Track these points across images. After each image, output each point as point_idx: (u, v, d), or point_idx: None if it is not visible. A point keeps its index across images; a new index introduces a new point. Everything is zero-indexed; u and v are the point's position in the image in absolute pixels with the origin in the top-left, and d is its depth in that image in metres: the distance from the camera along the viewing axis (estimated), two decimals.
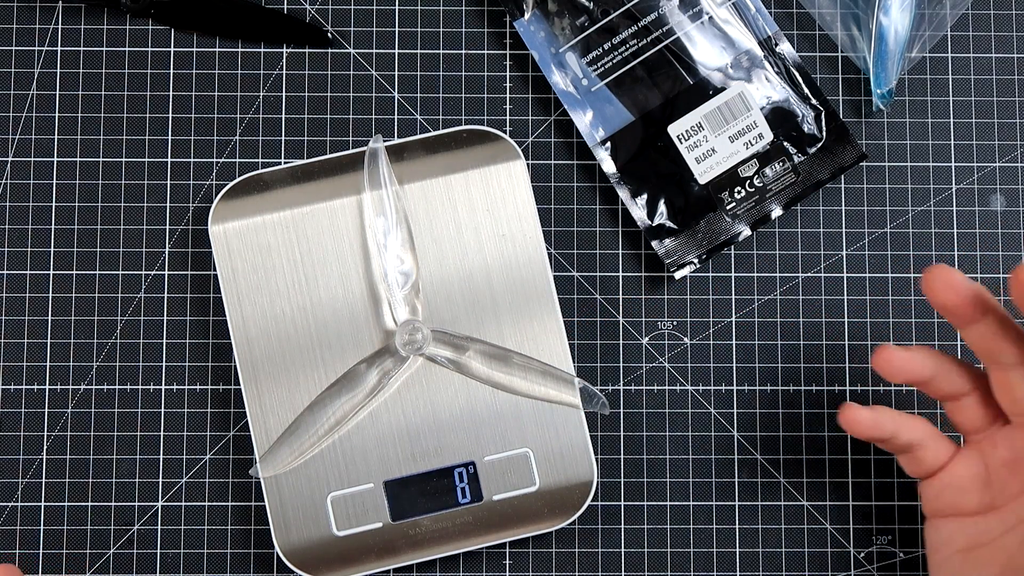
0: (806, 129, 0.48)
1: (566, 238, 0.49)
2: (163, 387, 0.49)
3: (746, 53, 0.49)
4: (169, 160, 0.50)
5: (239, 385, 0.47)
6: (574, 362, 0.47)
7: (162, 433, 0.48)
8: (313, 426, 0.46)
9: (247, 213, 0.47)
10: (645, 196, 0.49)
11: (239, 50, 0.50)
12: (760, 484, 0.49)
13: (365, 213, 0.47)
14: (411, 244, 0.46)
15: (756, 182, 0.48)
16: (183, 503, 0.48)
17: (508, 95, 0.50)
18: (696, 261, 0.48)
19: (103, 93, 0.50)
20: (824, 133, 0.48)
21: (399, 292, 0.46)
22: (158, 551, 0.48)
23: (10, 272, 0.49)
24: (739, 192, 0.48)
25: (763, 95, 0.48)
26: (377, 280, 0.47)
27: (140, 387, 0.49)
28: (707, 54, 0.49)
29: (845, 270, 0.49)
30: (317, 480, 0.46)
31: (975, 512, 0.41)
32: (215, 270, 0.47)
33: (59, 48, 0.50)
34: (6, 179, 0.49)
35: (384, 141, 0.47)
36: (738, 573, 0.48)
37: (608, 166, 0.49)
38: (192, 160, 0.50)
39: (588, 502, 0.47)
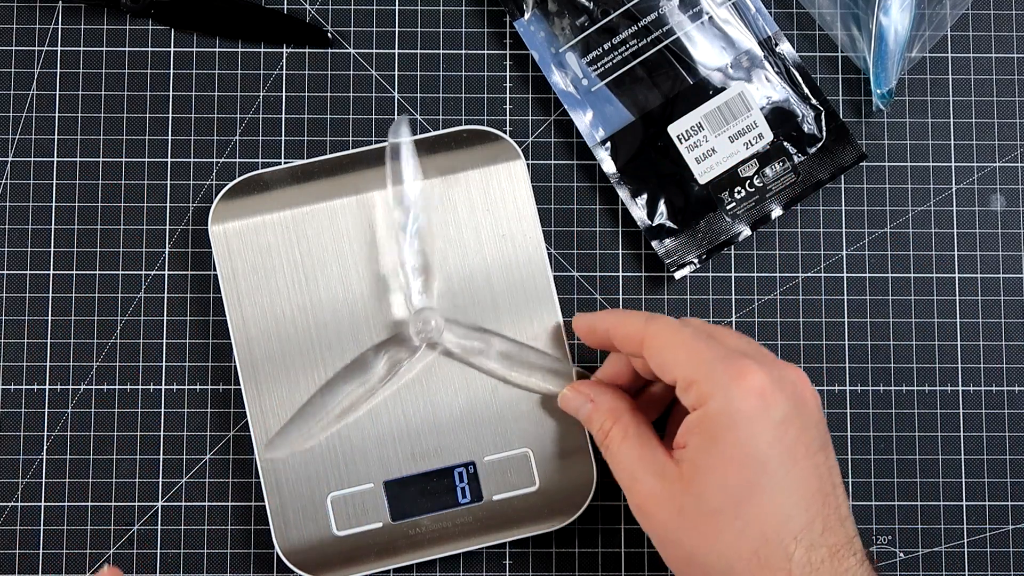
0: (806, 129, 0.48)
1: (566, 238, 0.49)
2: (163, 387, 0.49)
3: (746, 53, 0.49)
4: (169, 160, 0.50)
5: (239, 385, 0.47)
6: (574, 362, 0.47)
7: (162, 433, 0.48)
8: (323, 409, 0.45)
9: (247, 213, 0.47)
10: (645, 196, 0.49)
11: (239, 50, 0.50)
12: None
13: (386, 197, 0.46)
14: (429, 234, 0.46)
15: (756, 182, 0.48)
16: (183, 503, 0.48)
17: (508, 95, 0.50)
18: (696, 261, 0.48)
19: (103, 93, 0.50)
20: (824, 133, 0.48)
21: (417, 281, 0.46)
22: (158, 551, 0.48)
23: (10, 272, 0.49)
24: (739, 192, 0.48)
25: (763, 95, 0.48)
26: (388, 273, 0.46)
27: (140, 387, 0.49)
28: (707, 54, 0.49)
29: (845, 270, 0.49)
30: (317, 480, 0.46)
31: None
32: (215, 270, 0.47)
33: (59, 48, 0.50)
34: (6, 179, 0.49)
35: (390, 138, 0.47)
36: None
37: (608, 166, 0.49)
38: (192, 160, 0.50)
39: (588, 502, 0.47)
